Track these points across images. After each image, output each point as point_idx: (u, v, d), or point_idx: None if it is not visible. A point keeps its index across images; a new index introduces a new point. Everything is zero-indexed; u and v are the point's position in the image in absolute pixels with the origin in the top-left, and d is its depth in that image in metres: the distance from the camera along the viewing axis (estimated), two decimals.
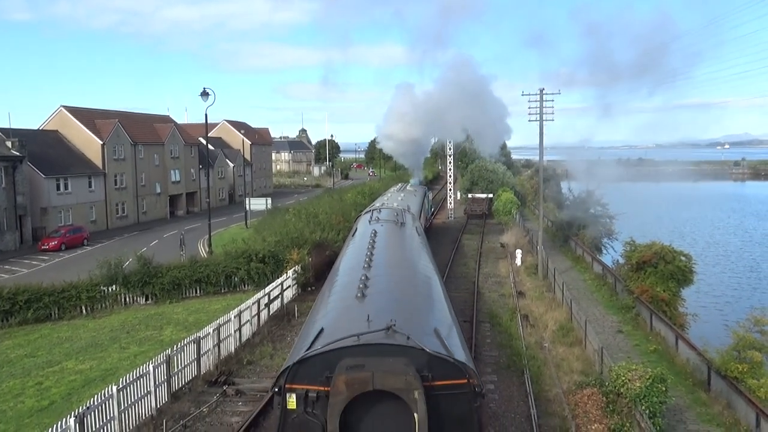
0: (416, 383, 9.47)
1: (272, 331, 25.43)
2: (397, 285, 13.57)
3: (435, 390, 9.67)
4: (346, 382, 9.51)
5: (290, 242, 33.88)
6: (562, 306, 28.29)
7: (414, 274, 15.42)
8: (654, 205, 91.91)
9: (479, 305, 29.31)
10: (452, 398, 9.74)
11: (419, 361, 9.70)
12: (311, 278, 32.39)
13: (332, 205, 47.06)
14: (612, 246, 42.51)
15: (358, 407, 9.69)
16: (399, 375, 9.49)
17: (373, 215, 25.93)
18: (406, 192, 47.20)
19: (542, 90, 34.71)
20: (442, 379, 9.75)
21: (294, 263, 31.63)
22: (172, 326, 26.73)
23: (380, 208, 29.72)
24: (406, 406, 9.55)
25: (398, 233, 21.55)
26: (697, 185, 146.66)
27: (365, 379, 9.48)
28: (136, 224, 65.03)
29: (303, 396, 9.84)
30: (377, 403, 9.69)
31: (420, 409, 9.42)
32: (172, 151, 73.03)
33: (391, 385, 9.51)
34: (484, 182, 69.17)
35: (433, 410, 9.60)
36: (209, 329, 21.06)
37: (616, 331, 25.69)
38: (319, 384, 9.82)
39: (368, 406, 9.75)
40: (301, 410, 9.86)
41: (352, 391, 9.54)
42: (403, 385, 9.50)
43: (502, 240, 47.63)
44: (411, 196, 43.48)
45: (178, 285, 31.35)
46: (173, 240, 49.15)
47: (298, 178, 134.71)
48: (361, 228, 22.81)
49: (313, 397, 9.83)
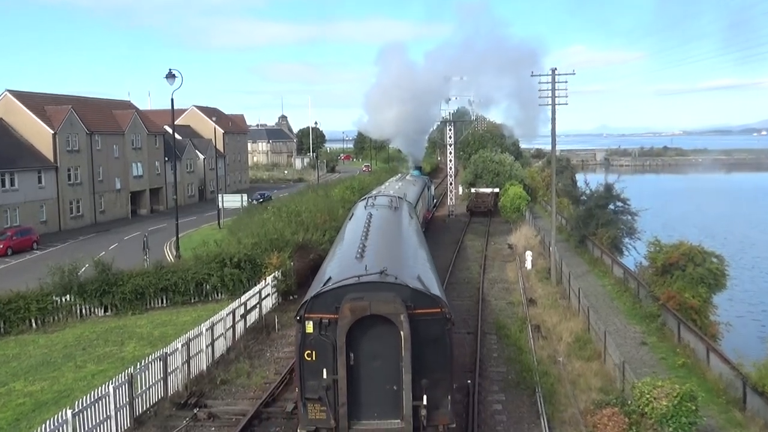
0: (402, 309, 14.30)
1: (249, 345, 25.48)
2: (389, 249, 18.75)
3: (416, 317, 14.47)
4: (350, 309, 14.39)
5: (269, 245, 34.03)
6: (579, 315, 28.46)
7: (403, 242, 20.97)
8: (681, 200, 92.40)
9: (484, 314, 29.51)
10: (429, 323, 14.58)
11: (404, 294, 14.56)
12: (293, 285, 32.51)
13: (317, 202, 46.95)
14: (634, 246, 42.81)
15: (359, 328, 14.53)
16: (389, 303, 14.36)
17: (369, 201, 29.12)
18: (404, 182, 48.39)
19: (554, 70, 34.96)
20: (421, 308, 14.58)
21: (274, 268, 31.77)
22: (134, 341, 26.72)
23: (376, 196, 32.58)
24: (394, 326, 14.36)
25: (392, 215, 25.73)
26: (730, 177, 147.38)
27: (364, 306, 14.38)
28: (92, 225, 64.84)
29: (318, 322, 14.69)
30: (373, 325, 14.53)
31: (405, 328, 14.25)
32: (134, 141, 72.85)
33: (383, 311, 14.38)
34: (490, 175, 69.46)
35: (415, 332, 14.35)
36: (177, 344, 21.08)
37: (639, 343, 25.86)
38: (330, 312, 14.64)
39: (366, 327, 14.57)
40: (316, 333, 14.68)
41: (354, 315, 14.37)
42: (392, 310, 14.34)
43: (510, 240, 47.96)
44: (410, 186, 45.27)
45: (142, 294, 31.39)
46: (135, 243, 49.04)
47: (277, 172, 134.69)
48: (357, 212, 27.00)
49: (325, 323, 14.65)
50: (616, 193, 44.74)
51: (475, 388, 19.92)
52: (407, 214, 27.57)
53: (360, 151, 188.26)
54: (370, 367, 14.78)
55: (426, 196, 53.71)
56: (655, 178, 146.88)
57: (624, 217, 44.16)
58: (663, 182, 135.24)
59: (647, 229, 44.34)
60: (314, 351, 14.70)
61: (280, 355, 24.45)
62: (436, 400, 14.63)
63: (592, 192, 47.32)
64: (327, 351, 14.63)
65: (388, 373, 14.70)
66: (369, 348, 14.71)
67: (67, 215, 62.63)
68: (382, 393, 14.81)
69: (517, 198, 58.54)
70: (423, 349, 14.51)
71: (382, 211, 26.09)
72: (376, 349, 14.70)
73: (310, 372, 14.73)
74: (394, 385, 14.67)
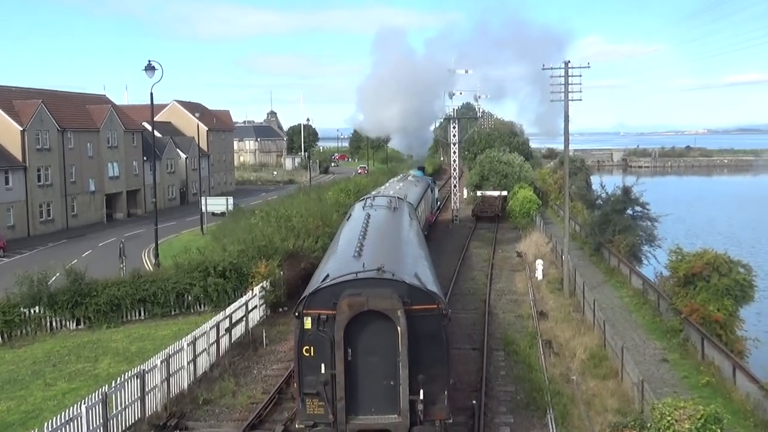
0: (399, 305, 15.72)
1: (235, 362, 25.50)
2: (387, 248, 20.20)
3: (413, 312, 15.91)
4: (348, 304, 15.75)
5: (257, 252, 33.87)
6: (594, 330, 28.55)
7: (402, 242, 22.72)
8: (705, 204, 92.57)
9: (491, 329, 29.59)
10: (426, 319, 16.05)
11: (401, 291, 15.99)
12: (283, 296, 32.51)
13: (309, 205, 46.91)
14: (654, 255, 42.82)
15: (357, 324, 15.92)
16: (386, 299, 15.77)
17: (367, 202, 30.45)
18: (406, 182, 49.17)
19: (568, 63, 35.08)
20: (418, 304, 16.03)
21: (262, 278, 31.76)
22: (109, 357, 26.69)
23: (375, 196, 33.72)
24: (392, 322, 15.78)
25: (391, 216, 27.11)
26: (758, 179, 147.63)
27: (362, 302, 15.75)
28: (64, 230, 64.85)
29: (316, 318, 16.02)
30: (371, 320, 15.94)
31: (402, 324, 15.68)
32: (110, 139, 72.93)
33: (381, 306, 15.78)
34: (497, 177, 69.63)
35: (412, 327, 15.78)
36: (156, 360, 21.06)
37: (659, 360, 25.91)
38: (328, 308, 15.99)
39: (364, 323, 15.97)
40: (314, 329, 16.04)
41: (352, 311, 15.75)
42: (389, 306, 15.74)
43: (519, 248, 48.08)
44: (411, 187, 46.19)
45: (117, 306, 31.38)
46: (111, 249, 49.06)
47: (266, 172, 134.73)
48: (355, 213, 28.44)
49: (323, 319, 16.00)
50: (634, 196, 44.77)
51: (480, 409, 19.94)
52: (407, 216, 28.72)
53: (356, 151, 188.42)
54: (368, 362, 16.19)
55: (429, 198, 54.16)
56: (677, 181, 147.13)
57: (643, 223, 44.19)
58: (686, 185, 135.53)
59: (668, 237, 44.57)
60: (312, 347, 16.11)
61: (269, 373, 24.44)
62: (432, 395, 16.04)
63: (608, 196, 47.32)
64: (325, 347, 16.04)
65: (385, 369, 16.15)
66: (366, 344, 16.13)
67: (36, 219, 62.63)
68: (379, 388, 16.21)
69: (527, 202, 58.65)
70: (420, 345, 15.98)
71: (380, 212, 27.25)
72: (374, 344, 16.11)
73: (309, 367, 16.12)
74: (392, 381, 16.09)
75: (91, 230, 64.22)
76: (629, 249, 42.73)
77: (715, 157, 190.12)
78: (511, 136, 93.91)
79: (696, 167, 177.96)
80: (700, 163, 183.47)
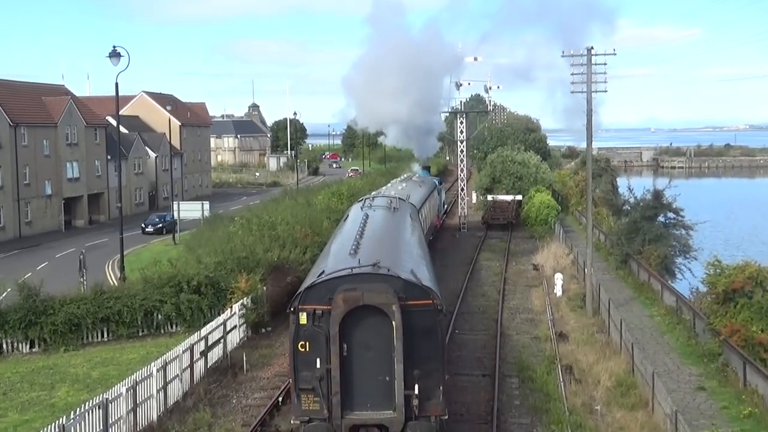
0: (394, 299, 17.57)
1: (211, 390, 25.46)
2: (384, 247, 22.08)
3: (408, 307, 17.74)
4: (343, 299, 17.55)
5: (236, 264, 33.84)
6: (620, 353, 28.46)
7: (400, 242, 24.73)
8: (748, 211, 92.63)
9: (504, 352, 29.53)
10: (421, 314, 17.89)
11: (396, 286, 17.90)
12: (266, 315, 32.51)
13: (296, 211, 46.89)
14: (689, 268, 42.90)
15: (352, 319, 17.76)
16: (381, 293, 17.66)
17: (366, 203, 32.07)
18: (409, 183, 50.24)
19: (590, 49, 35.02)
20: (413, 300, 17.92)
21: (242, 294, 31.72)
22: (68, 384, 26.59)
23: (374, 197, 35.21)
24: (387, 317, 17.61)
25: (391, 217, 28.96)
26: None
27: (357, 296, 17.60)
28: (16, 239, 64.81)
29: (311, 313, 17.85)
30: (366, 316, 17.82)
31: (397, 318, 17.50)
32: (69, 135, 72.98)
33: (376, 301, 17.65)
34: (510, 179, 69.70)
35: (407, 322, 17.60)
36: (121, 388, 21.01)
37: (695, 388, 25.85)
38: (323, 304, 17.81)
39: (359, 319, 17.84)
40: (310, 324, 17.87)
41: (347, 306, 17.55)
42: (384, 301, 17.59)
43: (536, 260, 48.02)
44: (415, 188, 47.36)
45: (77, 326, 31.26)
46: (70, 261, 49.02)
47: (247, 174, 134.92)
48: (352, 213, 30.46)
49: (319, 314, 17.84)
50: (666, 201, 44.87)
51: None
52: (408, 218, 30.56)
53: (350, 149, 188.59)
54: (363, 358, 18.07)
55: (435, 200, 54.55)
56: (715, 183, 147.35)
57: (677, 232, 44.26)
58: (725, 188, 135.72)
59: (705, 247, 44.54)
60: (308, 342, 17.98)
61: (250, 402, 24.39)
62: (428, 390, 17.97)
63: (637, 200, 47.41)
64: (320, 342, 17.89)
65: (380, 364, 18.03)
66: (362, 339, 18.03)
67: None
68: (374, 384, 18.14)
69: (545, 207, 58.65)
70: (415, 340, 17.83)
71: (379, 212, 29.15)
72: (369, 340, 18.02)
73: (304, 363, 18.02)
74: (387, 376, 17.99)
75: (48, 239, 64.19)
76: (661, 261, 42.65)
77: (758, 156, 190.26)
78: (527, 133, 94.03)
79: (737, 168, 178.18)
80: (742, 163, 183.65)
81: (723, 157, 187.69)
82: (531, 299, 39.16)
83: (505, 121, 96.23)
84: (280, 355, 29.19)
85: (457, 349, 29.86)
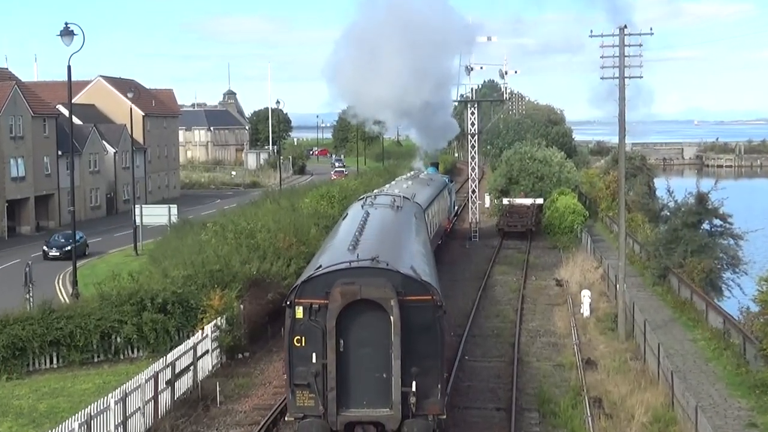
0: (392, 294, 19.74)
1: (179, 426, 25.31)
2: (384, 243, 24.41)
3: (406, 303, 19.94)
4: (340, 293, 19.80)
5: (209, 279, 33.71)
6: (658, 383, 28.29)
7: (402, 238, 27.35)
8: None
9: (521, 382, 29.37)
10: (420, 310, 20.10)
11: (395, 281, 20.12)
12: (243, 338, 32.46)
13: (279, 217, 46.62)
14: (738, 284, 42.75)
15: (350, 314, 20.03)
16: (379, 288, 19.85)
17: (368, 200, 34.48)
18: (416, 181, 51.75)
19: (623, 28, 34.96)
20: (412, 295, 20.14)
21: (215, 314, 31.46)
22: (10, 419, 26.36)
23: (376, 195, 37.55)
24: (385, 313, 19.82)
25: (393, 216, 31.33)
26: None
27: (355, 290, 19.82)
28: None
29: (308, 307, 20.16)
30: (363, 311, 20.07)
31: (395, 313, 19.66)
32: (13, 127, 72.80)
33: (373, 295, 19.87)
34: (530, 179, 69.67)
35: (405, 318, 19.78)
36: (73, 424, 20.86)
37: (746, 425, 25.60)
38: (320, 298, 20.11)
39: (357, 314, 20.08)
40: (306, 318, 20.16)
41: (345, 300, 19.79)
42: (382, 295, 19.81)
43: (559, 275, 47.95)
44: (422, 187, 49.27)
45: (22, 350, 30.86)
46: (14, 275, 48.74)
47: (222, 172, 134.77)
48: (352, 211, 33.02)
49: (315, 308, 20.13)
50: (712, 206, 44.73)
51: None
52: (413, 217, 33.19)
53: (342, 144, 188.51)
54: (360, 354, 20.27)
55: (445, 200, 55.60)
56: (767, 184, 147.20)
57: (724, 242, 44.19)
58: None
59: (758, 260, 44.35)
60: (304, 337, 20.19)
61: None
62: (426, 388, 20.02)
63: (677, 205, 47.28)
64: (317, 337, 20.13)
65: (378, 361, 20.23)
66: (359, 335, 20.23)
67: None
68: (371, 381, 20.32)
69: (570, 213, 58.74)
70: (413, 337, 19.96)
71: (381, 211, 31.62)
72: (366, 336, 20.21)
73: (299, 358, 20.19)
74: (384, 373, 20.14)
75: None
76: (705, 276, 42.41)
77: None
78: (549, 125, 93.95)
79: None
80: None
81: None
82: (553, 320, 39.11)
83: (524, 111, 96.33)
84: (260, 384, 29.20)
85: (466, 379, 29.88)
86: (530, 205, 65.67)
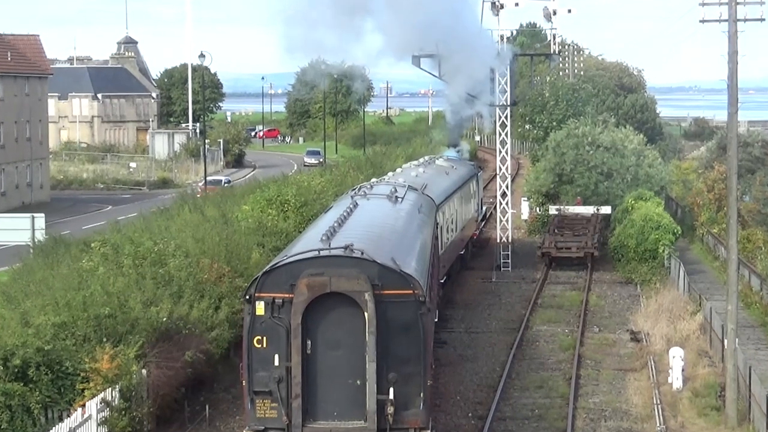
0: (366, 286, 20.48)
1: None
2: (369, 235, 24.73)
3: (384, 297, 20.67)
4: (307, 285, 20.63)
5: (94, 329, 28.96)
6: None
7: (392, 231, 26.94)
8: None
9: None
10: (399, 306, 20.85)
11: (371, 272, 20.77)
12: (148, 419, 28.13)
13: (203, 233, 39.60)
14: None
15: (318, 311, 20.99)
16: (352, 279, 20.66)
17: (361, 190, 33.39)
18: (430, 168, 46.97)
19: None
20: (390, 289, 20.82)
21: (104, 382, 27.02)
22: None
23: (373, 185, 36.65)
24: (359, 309, 20.57)
25: (389, 208, 30.43)
26: None
27: (324, 282, 20.64)
28: None
29: (270, 303, 21.07)
30: (334, 307, 21.02)
31: (369, 309, 20.38)
32: None
33: (345, 288, 20.61)
34: (591, 176, 58.20)
35: (382, 315, 20.57)
36: None
37: None
38: (284, 291, 21.02)
39: (327, 310, 21.09)
40: (268, 315, 21.08)
41: (312, 293, 20.70)
42: (355, 287, 20.62)
43: (636, 324, 40.46)
44: (438, 175, 45.55)
45: None
46: None
47: (116, 164, 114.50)
48: (338, 202, 33.02)
49: (279, 303, 21.04)
50: None
51: None
52: (416, 211, 31.71)
53: (301, 120, 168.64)
54: (330, 357, 20.50)
55: (471, 196, 50.67)
56: None
57: None
58: None
59: None
60: (265, 337, 20.36)
61: None
62: (405, 397, 20.16)
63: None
64: (280, 337, 20.31)
65: (350, 365, 20.37)
66: (329, 334, 20.52)
67: None
68: (343, 388, 20.50)
69: (653, 229, 48.50)
70: (392, 337, 20.11)
71: (375, 202, 30.92)
72: (338, 336, 20.50)
73: (260, 362, 20.34)
74: (358, 379, 20.26)
75: None
76: None
77: None
78: (620, 94, 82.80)
79: None
80: None
81: None
82: (626, 394, 33.58)
83: (582, 71, 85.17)
84: None
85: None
86: (591, 217, 55.69)
